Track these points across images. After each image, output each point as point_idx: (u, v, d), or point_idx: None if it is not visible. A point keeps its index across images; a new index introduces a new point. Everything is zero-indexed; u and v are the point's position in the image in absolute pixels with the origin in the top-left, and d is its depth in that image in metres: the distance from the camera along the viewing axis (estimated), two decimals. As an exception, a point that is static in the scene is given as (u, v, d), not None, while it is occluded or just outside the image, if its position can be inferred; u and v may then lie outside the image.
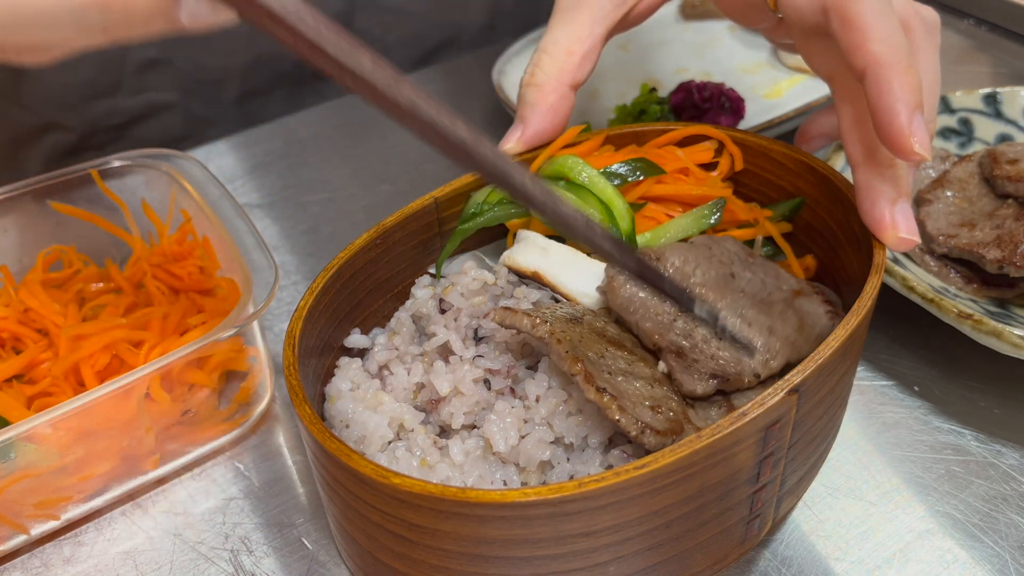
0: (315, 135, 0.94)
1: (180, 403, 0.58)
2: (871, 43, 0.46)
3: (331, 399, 0.50)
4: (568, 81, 0.58)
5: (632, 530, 0.41)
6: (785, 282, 0.52)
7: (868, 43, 0.46)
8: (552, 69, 0.58)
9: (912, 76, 0.46)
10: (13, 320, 0.61)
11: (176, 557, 0.54)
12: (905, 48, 0.46)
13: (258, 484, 0.58)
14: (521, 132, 0.58)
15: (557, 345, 0.44)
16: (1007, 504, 0.54)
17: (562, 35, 0.59)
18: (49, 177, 0.65)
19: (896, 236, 0.49)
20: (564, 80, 0.58)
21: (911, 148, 0.45)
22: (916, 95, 0.46)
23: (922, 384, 0.62)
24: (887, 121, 0.46)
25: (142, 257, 0.66)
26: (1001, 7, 1.01)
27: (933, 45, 0.53)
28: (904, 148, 0.46)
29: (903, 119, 0.45)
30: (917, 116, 0.46)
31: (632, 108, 0.84)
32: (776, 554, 0.52)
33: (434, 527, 0.40)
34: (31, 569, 0.54)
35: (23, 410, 0.55)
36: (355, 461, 0.40)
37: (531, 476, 0.46)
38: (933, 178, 0.71)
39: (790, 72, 0.93)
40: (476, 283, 0.53)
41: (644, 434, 0.42)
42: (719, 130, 0.59)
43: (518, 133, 0.58)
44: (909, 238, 0.49)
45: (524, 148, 0.59)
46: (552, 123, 0.58)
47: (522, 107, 0.59)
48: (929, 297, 0.58)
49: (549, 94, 0.58)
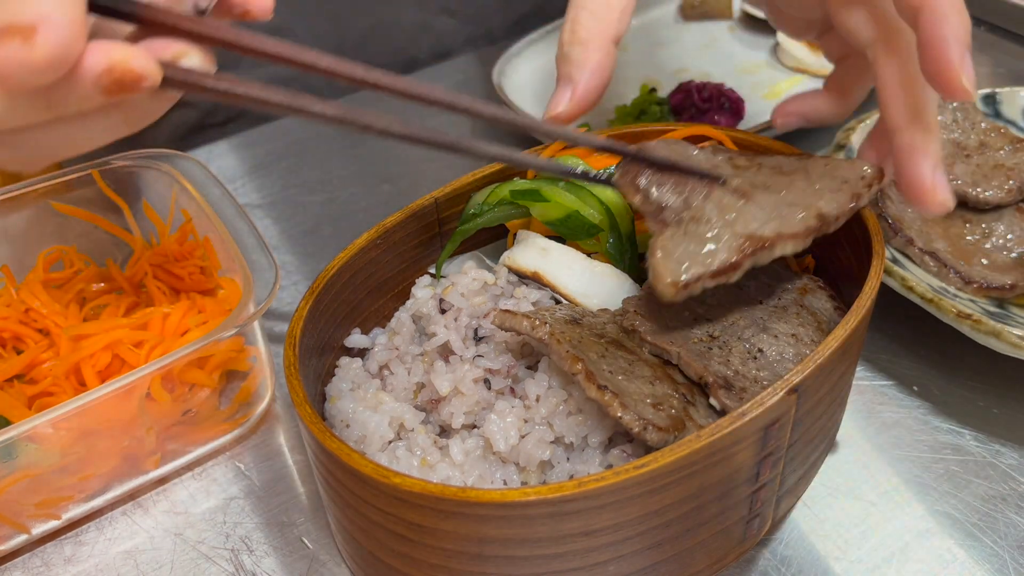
0: (315, 135, 0.94)
1: (181, 403, 0.58)
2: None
3: (331, 399, 0.50)
4: (611, 35, 0.55)
5: (632, 529, 0.41)
6: (788, 280, 0.52)
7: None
8: (592, 24, 0.55)
9: (966, 16, 0.46)
10: (14, 320, 0.61)
11: (177, 556, 0.54)
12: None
13: (259, 484, 0.58)
14: (571, 92, 0.55)
15: (557, 345, 0.44)
16: (1006, 504, 0.54)
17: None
18: (50, 177, 0.65)
19: (936, 199, 0.49)
20: (607, 35, 0.55)
21: (960, 83, 0.45)
22: (968, 34, 0.46)
23: (921, 384, 0.62)
24: (938, 54, 0.46)
25: (143, 257, 0.66)
26: (1001, 7, 1.01)
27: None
28: (952, 82, 0.46)
29: (955, 53, 0.45)
30: (967, 54, 0.46)
31: (632, 108, 0.84)
32: (776, 554, 0.52)
33: (434, 526, 0.40)
34: (32, 568, 0.54)
35: (24, 410, 0.55)
36: (355, 461, 0.40)
37: (531, 476, 0.46)
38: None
39: (790, 72, 0.93)
40: (476, 283, 0.53)
41: (646, 431, 0.42)
42: (719, 130, 0.59)
43: (567, 95, 0.55)
44: (946, 202, 0.49)
45: (575, 109, 0.55)
46: (600, 80, 0.55)
47: (567, 66, 0.55)
48: (928, 297, 0.58)
49: (594, 52, 0.55)
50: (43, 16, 0.32)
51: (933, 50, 0.46)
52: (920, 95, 0.50)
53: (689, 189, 0.47)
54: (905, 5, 0.47)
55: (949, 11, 0.46)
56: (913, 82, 0.50)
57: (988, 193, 0.68)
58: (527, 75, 0.94)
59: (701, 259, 0.44)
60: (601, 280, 0.52)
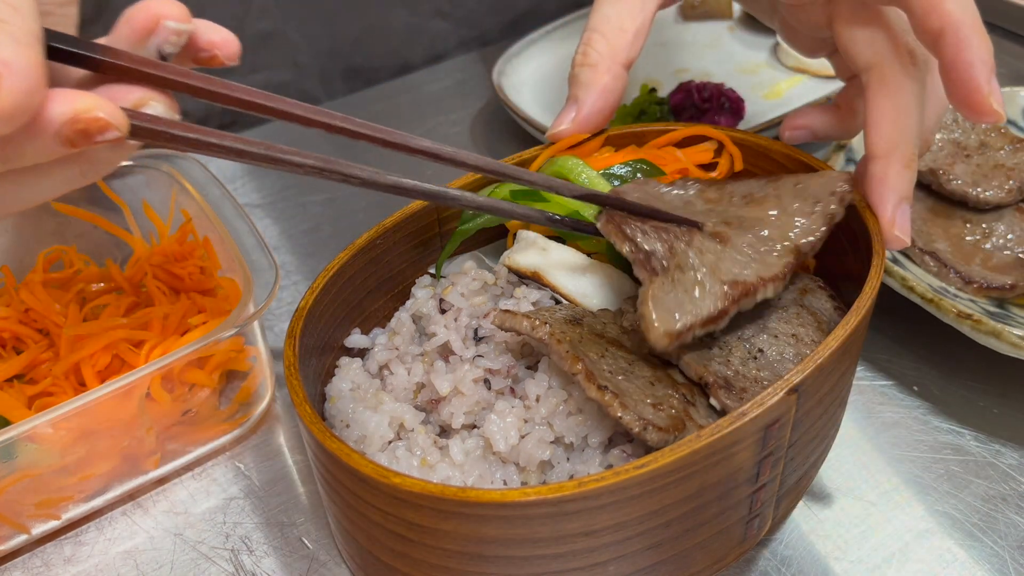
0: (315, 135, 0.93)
1: (181, 403, 0.58)
2: (947, 3, 0.46)
3: (331, 399, 0.50)
4: (621, 60, 0.57)
5: (632, 529, 0.41)
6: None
7: (944, 3, 0.46)
8: (604, 48, 0.57)
9: (987, 38, 0.46)
10: (14, 320, 0.61)
11: (177, 557, 0.54)
12: (977, 12, 0.46)
13: (258, 484, 0.59)
14: (575, 113, 0.57)
15: (557, 345, 0.44)
16: (1006, 504, 0.54)
17: (613, 12, 0.57)
18: (50, 177, 0.65)
19: (892, 233, 0.50)
20: (617, 59, 0.57)
21: (990, 106, 0.46)
22: (991, 56, 0.46)
23: (921, 384, 0.62)
24: (965, 78, 0.46)
25: (143, 257, 0.66)
26: (1001, 7, 1.01)
27: None
28: (982, 105, 0.46)
29: (983, 77, 0.45)
30: (993, 76, 0.46)
31: (632, 108, 0.84)
32: (776, 554, 0.52)
33: (434, 527, 0.40)
34: (32, 569, 0.54)
35: (24, 410, 0.55)
36: (355, 461, 0.40)
37: (531, 476, 0.46)
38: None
39: (790, 72, 0.93)
40: (476, 283, 0.53)
41: (646, 431, 0.42)
42: (719, 130, 0.59)
43: (572, 114, 0.57)
44: (902, 238, 0.50)
45: (578, 130, 0.57)
46: (606, 103, 0.57)
47: (575, 87, 0.57)
48: (928, 297, 0.58)
49: (603, 74, 0.56)
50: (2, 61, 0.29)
51: (959, 74, 0.46)
52: (905, 131, 0.50)
53: (671, 235, 0.48)
54: (925, 29, 0.47)
55: (971, 34, 0.46)
56: (898, 116, 0.51)
57: (988, 193, 0.68)
58: (527, 75, 0.94)
59: (690, 308, 0.44)
60: (601, 280, 0.52)
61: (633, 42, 0.57)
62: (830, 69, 0.62)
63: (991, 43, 0.46)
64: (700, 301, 0.45)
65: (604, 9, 0.58)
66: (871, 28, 0.52)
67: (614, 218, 0.48)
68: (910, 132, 0.51)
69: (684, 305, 0.44)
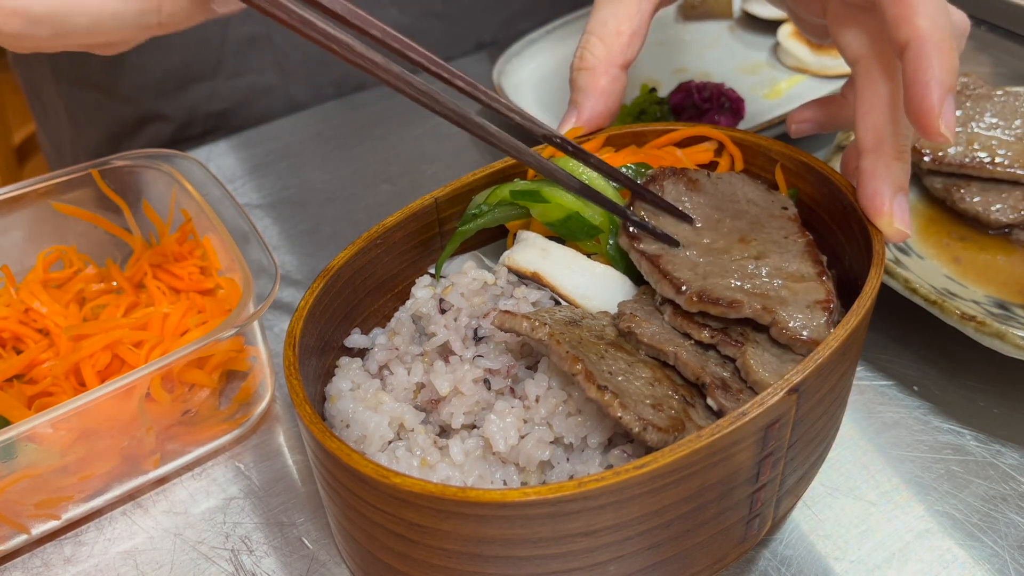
0: (315, 135, 0.94)
1: (180, 403, 0.58)
2: (919, 17, 0.46)
3: (331, 399, 0.50)
4: (619, 62, 0.58)
5: (632, 530, 0.41)
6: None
7: (916, 17, 0.46)
8: (601, 51, 0.58)
9: (952, 58, 0.46)
10: (14, 320, 0.61)
11: (176, 557, 0.54)
12: (949, 29, 0.46)
13: (258, 484, 0.58)
14: (576, 118, 0.58)
15: (557, 346, 0.44)
16: (1006, 504, 0.54)
17: (609, 15, 0.58)
18: (50, 177, 0.65)
19: (892, 225, 0.50)
20: (615, 61, 0.58)
21: (937, 128, 0.46)
22: (952, 77, 0.46)
23: (922, 384, 0.62)
24: (920, 96, 0.46)
25: (143, 257, 0.66)
26: (1001, 7, 1.01)
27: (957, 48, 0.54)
28: (931, 127, 0.46)
29: (936, 97, 0.45)
30: (949, 97, 0.46)
31: (632, 108, 0.84)
32: (776, 554, 0.52)
33: (434, 527, 0.40)
34: (32, 569, 0.54)
35: (24, 410, 0.55)
36: (355, 461, 0.40)
37: (531, 476, 0.46)
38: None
39: (789, 72, 0.93)
40: (476, 283, 0.53)
41: (646, 431, 0.42)
42: (719, 130, 0.59)
43: (572, 119, 0.58)
44: (903, 230, 0.50)
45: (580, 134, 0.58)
46: (606, 106, 0.58)
47: (574, 92, 0.58)
48: (932, 299, 0.58)
49: (600, 77, 0.58)
50: None
51: (915, 91, 0.46)
52: (892, 123, 0.50)
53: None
54: (894, 38, 0.47)
55: (933, 52, 0.46)
56: (887, 109, 0.51)
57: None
58: (527, 75, 0.94)
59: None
60: (601, 281, 0.52)
61: (630, 44, 0.58)
62: (830, 69, 0.62)
63: (956, 64, 0.46)
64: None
65: (601, 12, 0.59)
66: (859, 21, 0.52)
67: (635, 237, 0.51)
68: (899, 123, 0.50)
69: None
